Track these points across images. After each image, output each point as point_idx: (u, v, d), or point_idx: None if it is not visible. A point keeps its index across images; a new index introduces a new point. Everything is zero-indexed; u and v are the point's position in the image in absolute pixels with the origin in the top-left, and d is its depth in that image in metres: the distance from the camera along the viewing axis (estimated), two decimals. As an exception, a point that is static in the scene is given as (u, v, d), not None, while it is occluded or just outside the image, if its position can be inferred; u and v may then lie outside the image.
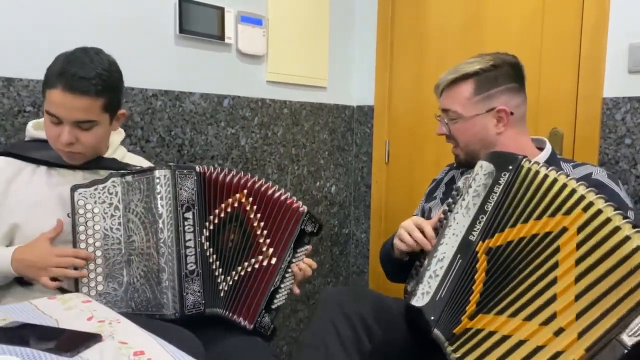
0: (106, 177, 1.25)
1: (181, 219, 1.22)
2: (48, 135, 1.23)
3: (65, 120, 1.19)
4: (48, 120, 1.21)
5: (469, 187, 1.17)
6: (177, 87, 1.78)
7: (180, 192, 1.23)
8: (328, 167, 2.35)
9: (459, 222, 1.15)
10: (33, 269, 1.18)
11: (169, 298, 1.19)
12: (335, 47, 2.31)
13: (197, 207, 1.25)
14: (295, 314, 2.25)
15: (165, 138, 1.75)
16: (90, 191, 1.23)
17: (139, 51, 1.67)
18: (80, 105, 1.18)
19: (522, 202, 1.08)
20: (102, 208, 1.24)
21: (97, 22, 1.56)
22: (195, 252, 1.23)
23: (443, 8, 2.13)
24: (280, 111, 2.11)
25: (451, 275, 1.11)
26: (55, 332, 0.88)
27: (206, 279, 1.25)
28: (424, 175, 2.15)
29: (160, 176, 1.22)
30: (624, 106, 1.69)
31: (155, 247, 1.21)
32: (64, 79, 1.16)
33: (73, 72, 1.16)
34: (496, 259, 1.08)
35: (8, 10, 1.41)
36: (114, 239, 1.23)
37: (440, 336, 1.09)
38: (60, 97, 1.16)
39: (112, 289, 1.23)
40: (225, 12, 1.85)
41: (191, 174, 1.25)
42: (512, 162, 1.13)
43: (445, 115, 1.39)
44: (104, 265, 1.23)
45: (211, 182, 1.28)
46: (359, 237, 2.48)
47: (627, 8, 1.68)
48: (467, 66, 1.35)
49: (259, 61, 2.02)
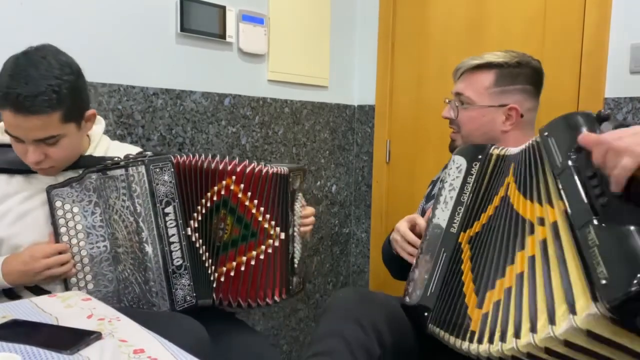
0: (81, 174, 1.20)
1: (161, 216, 1.20)
2: (16, 152, 1.17)
3: (26, 140, 1.12)
4: (11, 138, 1.15)
5: (444, 182, 1.20)
6: (178, 86, 1.78)
7: (158, 188, 1.20)
8: (329, 167, 2.34)
9: (439, 217, 1.17)
10: (27, 276, 1.15)
11: (157, 296, 1.19)
12: (336, 46, 2.31)
13: (177, 199, 1.21)
14: (296, 313, 2.25)
15: (166, 137, 1.75)
16: (67, 190, 1.19)
17: (140, 50, 1.67)
18: (35, 125, 1.08)
19: (491, 186, 1.11)
20: (82, 206, 1.20)
21: (97, 21, 1.56)
22: (181, 246, 1.21)
23: (445, 8, 2.13)
24: (281, 110, 2.11)
25: (438, 270, 1.12)
26: (55, 330, 0.88)
27: (197, 272, 1.23)
28: (425, 174, 2.15)
29: (134, 174, 1.19)
30: (625, 106, 1.69)
31: (138, 247, 1.19)
32: (10, 102, 1.06)
33: (18, 92, 1.05)
34: (477, 245, 1.09)
35: (8, 12, 1.41)
36: (98, 236, 1.21)
37: (436, 330, 1.09)
38: (12, 119, 1.08)
39: (103, 286, 1.21)
40: (226, 11, 1.85)
41: (167, 165, 1.21)
42: (481, 151, 1.16)
43: (456, 99, 1.39)
44: (91, 264, 1.21)
45: (192, 171, 1.23)
46: (359, 236, 2.48)
47: (628, 8, 1.68)
48: (492, 56, 1.35)
49: (260, 60, 2.02)
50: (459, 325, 1.05)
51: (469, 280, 1.08)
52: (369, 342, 1.08)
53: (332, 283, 2.43)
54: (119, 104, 1.62)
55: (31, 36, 1.44)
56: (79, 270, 1.20)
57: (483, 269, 1.05)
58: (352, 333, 1.08)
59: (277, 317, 2.18)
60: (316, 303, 2.34)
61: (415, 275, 1.17)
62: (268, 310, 2.13)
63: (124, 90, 1.63)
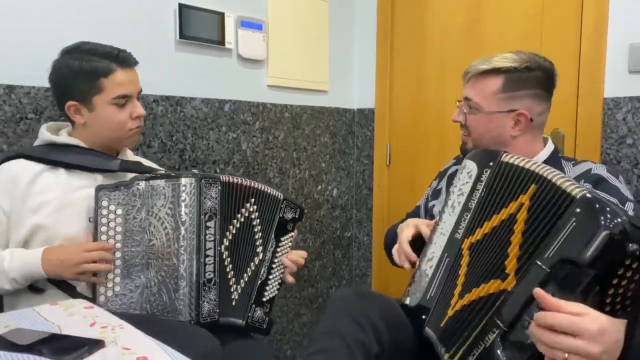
0: (131, 180, 1.27)
1: (203, 227, 1.23)
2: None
3: (134, 96, 1.31)
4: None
5: (454, 186, 1.19)
6: (178, 93, 1.78)
7: (205, 201, 1.24)
8: (329, 171, 2.35)
9: (445, 222, 1.17)
10: (64, 266, 1.19)
11: (185, 305, 1.21)
12: (335, 50, 2.31)
13: (219, 216, 1.26)
14: (299, 318, 2.25)
15: (166, 143, 1.76)
16: (115, 192, 1.24)
17: (139, 57, 1.66)
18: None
19: (499, 195, 1.09)
20: (125, 210, 1.24)
21: (97, 29, 1.57)
22: (214, 260, 1.24)
23: (443, 10, 2.14)
24: (281, 115, 2.11)
25: (439, 274, 1.13)
26: (57, 339, 0.88)
27: (222, 288, 1.26)
28: (426, 177, 2.15)
29: (187, 184, 1.23)
30: (624, 106, 1.69)
31: (175, 254, 1.22)
32: (118, 60, 1.27)
33: (118, 50, 1.29)
34: (475, 252, 1.09)
35: (9, 18, 1.41)
36: (135, 241, 1.24)
37: (431, 334, 1.10)
38: (124, 76, 1.28)
39: (129, 291, 1.23)
40: (225, 17, 1.85)
41: (216, 183, 1.26)
42: (493, 158, 1.14)
43: (465, 104, 1.37)
44: (122, 267, 1.24)
45: (233, 190, 1.29)
46: (361, 240, 2.47)
47: (626, 8, 1.68)
48: (501, 60, 1.31)
49: (260, 66, 2.02)
50: (449, 332, 1.07)
51: (459, 286, 1.08)
52: (366, 339, 1.09)
53: (335, 287, 2.42)
54: (119, 111, 1.63)
55: (31, 47, 1.45)
56: (109, 271, 1.23)
57: (474, 277, 1.06)
58: (349, 330, 1.09)
59: (281, 322, 2.17)
60: (319, 307, 2.33)
61: (417, 278, 1.18)
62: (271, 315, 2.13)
63: (124, 98, 1.64)
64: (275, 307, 2.13)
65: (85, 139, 1.31)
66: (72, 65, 1.26)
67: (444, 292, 1.11)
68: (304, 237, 2.25)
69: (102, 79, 1.25)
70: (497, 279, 0.99)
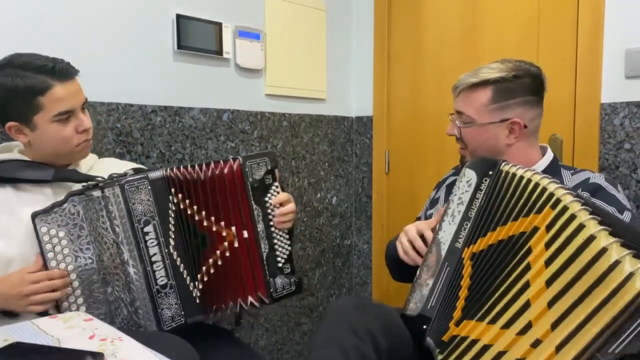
0: (64, 198, 1.18)
1: (141, 236, 1.17)
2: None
3: (77, 109, 1.22)
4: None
5: (454, 195, 1.19)
6: (177, 103, 1.79)
7: (135, 207, 1.17)
8: (328, 179, 2.35)
9: (445, 230, 1.17)
10: (12, 300, 1.13)
11: (144, 317, 1.18)
12: (332, 58, 2.32)
13: (157, 217, 1.19)
14: (299, 327, 2.24)
15: (165, 153, 1.76)
16: (51, 216, 1.16)
17: (137, 67, 1.68)
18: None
19: (502, 205, 1.09)
20: (67, 230, 1.17)
21: (95, 39, 1.57)
22: (164, 264, 1.19)
23: (440, 18, 2.15)
24: (279, 124, 2.12)
25: (440, 283, 1.13)
26: (56, 352, 0.88)
27: (182, 289, 1.21)
28: (425, 184, 2.15)
29: (109, 195, 1.16)
30: (622, 111, 1.70)
31: (121, 267, 1.18)
32: (53, 73, 1.17)
33: (59, 61, 1.20)
34: (479, 263, 1.08)
35: (3, 32, 1.42)
36: (86, 259, 1.18)
37: (432, 344, 1.10)
38: (63, 90, 1.19)
39: (96, 308, 1.19)
40: (222, 27, 1.86)
41: (143, 183, 1.18)
42: (492, 167, 1.15)
43: (458, 117, 1.38)
44: (82, 288, 1.18)
45: (164, 186, 1.21)
46: (361, 248, 2.47)
47: (622, 13, 1.69)
48: (488, 72, 1.32)
49: (258, 75, 2.03)
50: (447, 343, 1.06)
51: (463, 297, 1.08)
52: (364, 347, 1.09)
53: (335, 296, 2.42)
54: (117, 122, 1.63)
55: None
56: (69, 294, 1.18)
57: (479, 290, 1.06)
58: (346, 339, 1.10)
59: (281, 331, 2.16)
60: (319, 316, 2.32)
61: (417, 287, 1.17)
62: (271, 325, 2.12)
63: (122, 109, 1.64)
64: (275, 317, 2.13)
65: (33, 156, 1.25)
66: (5, 84, 1.16)
67: (445, 302, 1.11)
68: (303, 246, 2.24)
69: (39, 97, 1.17)
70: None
